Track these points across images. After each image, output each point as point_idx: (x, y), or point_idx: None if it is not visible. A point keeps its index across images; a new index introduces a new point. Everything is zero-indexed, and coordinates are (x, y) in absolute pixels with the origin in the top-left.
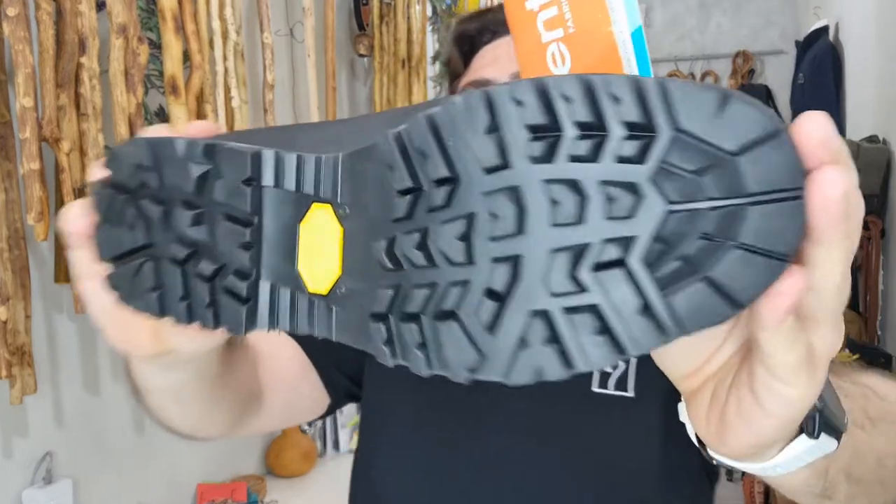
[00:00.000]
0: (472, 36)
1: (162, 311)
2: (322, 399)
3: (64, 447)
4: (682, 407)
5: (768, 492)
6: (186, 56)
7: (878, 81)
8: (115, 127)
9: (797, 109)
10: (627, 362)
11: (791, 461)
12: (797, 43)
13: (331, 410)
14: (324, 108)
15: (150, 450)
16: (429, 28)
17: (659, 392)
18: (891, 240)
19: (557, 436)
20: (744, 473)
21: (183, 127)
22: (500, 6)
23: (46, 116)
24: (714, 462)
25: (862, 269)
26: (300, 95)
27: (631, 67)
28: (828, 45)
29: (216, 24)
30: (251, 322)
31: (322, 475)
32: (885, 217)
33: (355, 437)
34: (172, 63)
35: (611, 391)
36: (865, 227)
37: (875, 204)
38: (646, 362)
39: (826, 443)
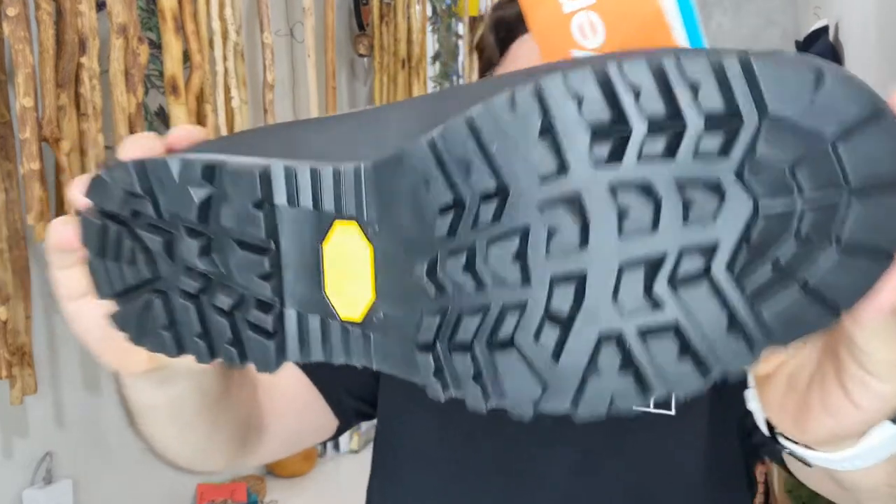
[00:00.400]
0: (511, 21)
1: (179, 349)
2: (329, 422)
3: (64, 447)
4: (750, 393)
5: (768, 492)
6: (186, 56)
7: (877, 81)
8: (115, 127)
9: None
10: None
11: (873, 451)
12: (797, 43)
13: (340, 432)
14: (324, 108)
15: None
16: (429, 28)
17: (701, 407)
18: None
19: (597, 457)
20: None
21: (171, 134)
22: None
23: (46, 116)
24: (782, 452)
25: None
26: (300, 95)
27: (679, 36)
28: (828, 45)
29: (216, 25)
30: (281, 355)
31: (322, 475)
32: None
33: (356, 438)
34: (172, 63)
35: (651, 409)
36: None
37: None
38: None
39: None
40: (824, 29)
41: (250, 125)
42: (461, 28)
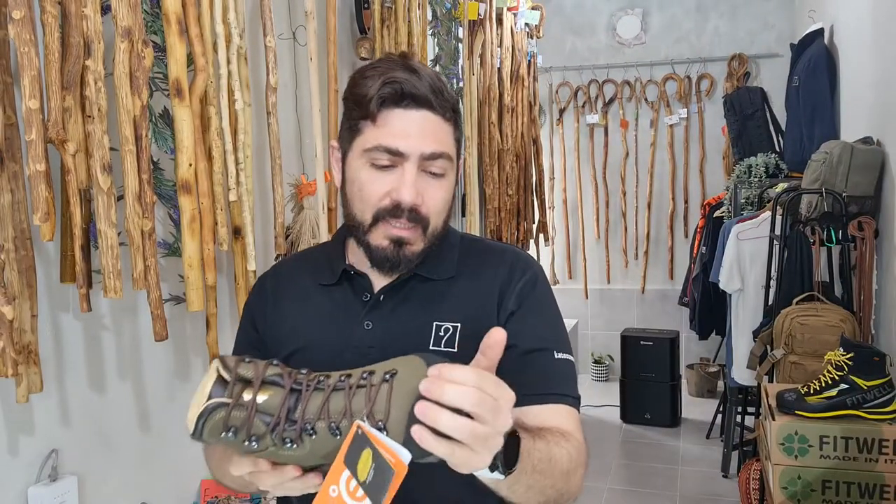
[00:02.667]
0: (389, 99)
1: None
2: None
3: (69, 445)
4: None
5: (763, 488)
6: (190, 59)
7: (872, 83)
8: (119, 129)
9: (792, 111)
10: (455, 328)
11: (485, 477)
12: (792, 46)
13: None
14: (325, 111)
15: (154, 447)
16: (429, 32)
17: (474, 348)
18: (884, 240)
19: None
20: (739, 470)
21: None
22: (414, 75)
23: (52, 118)
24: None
25: (856, 269)
26: (302, 98)
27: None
28: (823, 48)
29: (220, 28)
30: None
31: None
32: (879, 217)
33: None
34: (177, 66)
35: (441, 348)
36: (859, 227)
37: (869, 205)
38: (465, 330)
39: (497, 475)
40: (819, 32)
41: (253, 127)
42: (461, 32)
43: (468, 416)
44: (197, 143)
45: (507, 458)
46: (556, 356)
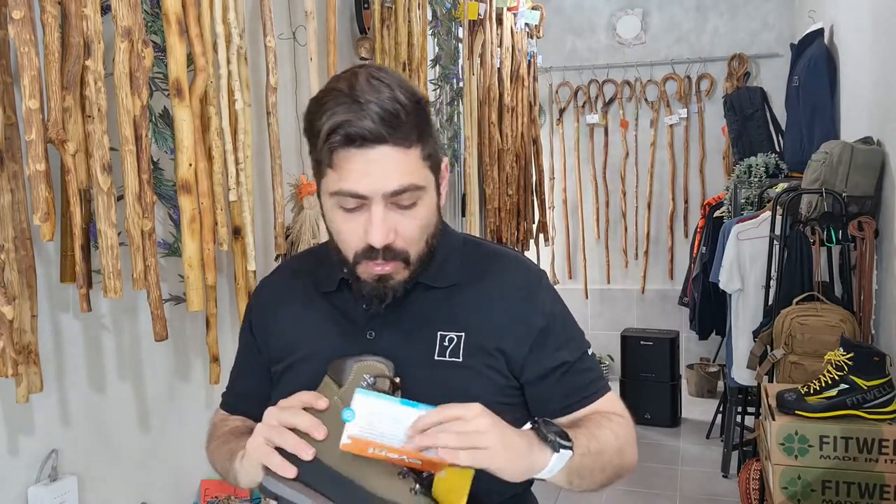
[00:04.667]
0: (344, 139)
1: None
2: None
3: (69, 445)
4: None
5: (763, 488)
6: (190, 59)
7: (872, 83)
8: (119, 129)
9: (792, 111)
10: (459, 337)
11: (553, 469)
12: (792, 46)
13: None
14: None
15: (154, 447)
16: (429, 32)
17: (478, 357)
18: (884, 240)
19: (413, 393)
20: (739, 470)
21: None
22: (363, 112)
23: (52, 118)
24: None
25: (856, 269)
26: (302, 98)
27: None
28: (822, 48)
29: (220, 28)
30: None
31: None
32: (879, 217)
33: None
34: (177, 66)
35: (446, 358)
36: (859, 227)
37: (869, 205)
38: (470, 339)
39: (563, 453)
40: (819, 32)
41: (253, 127)
42: (461, 32)
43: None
44: (197, 143)
45: (558, 434)
46: (586, 356)
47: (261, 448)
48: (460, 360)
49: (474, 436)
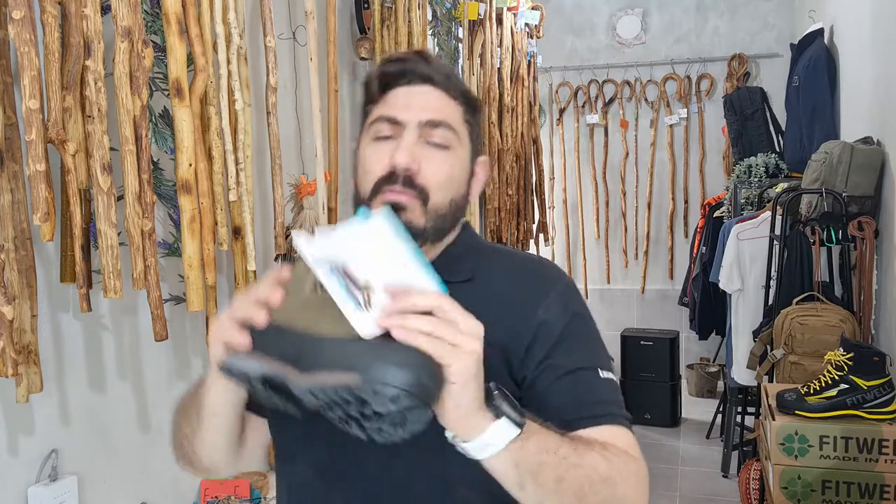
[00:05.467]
0: (392, 76)
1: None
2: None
3: (69, 445)
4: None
5: (763, 488)
6: (190, 59)
7: (872, 83)
8: (119, 129)
9: (792, 111)
10: None
11: (490, 443)
12: (792, 46)
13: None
14: (325, 111)
15: (154, 447)
16: (429, 31)
17: (492, 355)
18: (884, 240)
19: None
20: (739, 470)
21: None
22: (417, 58)
23: (52, 118)
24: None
25: (856, 269)
26: (302, 98)
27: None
28: (822, 48)
29: (220, 28)
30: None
31: None
32: (879, 217)
33: None
34: (177, 66)
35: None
36: (859, 227)
37: (869, 205)
38: (485, 335)
39: (507, 428)
40: (819, 32)
41: (253, 127)
42: (461, 32)
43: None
44: (197, 143)
45: (509, 404)
46: (600, 375)
47: (220, 327)
48: None
49: (453, 348)
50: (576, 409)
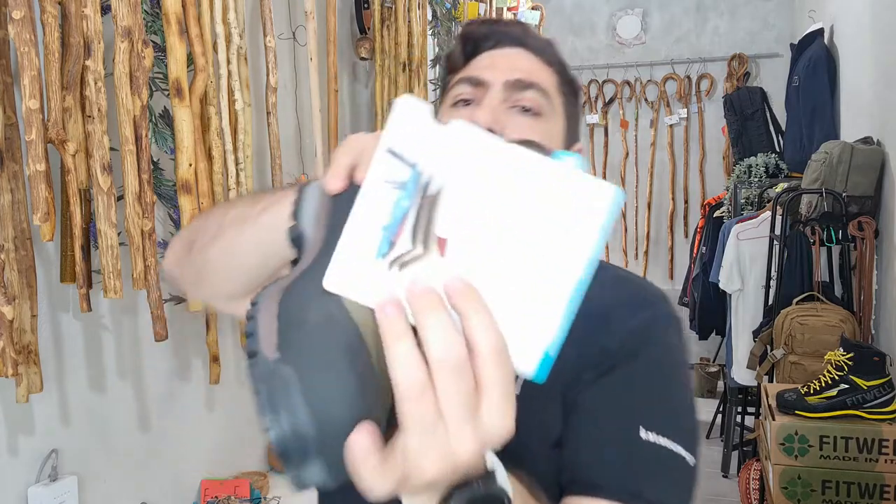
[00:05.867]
0: (478, 38)
1: None
2: None
3: (69, 445)
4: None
5: (763, 488)
6: (190, 59)
7: (872, 83)
8: (119, 129)
9: (792, 111)
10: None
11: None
12: (792, 46)
13: None
14: (325, 111)
15: (154, 447)
16: (429, 32)
17: (539, 393)
18: (884, 240)
19: None
20: (739, 470)
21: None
22: (507, 21)
23: (52, 118)
24: None
25: (856, 269)
26: (302, 98)
27: None
28: (822, 48)
29: (220, 28)
30: None
31: None
32: (879, 217)
33: None
34: (177, 66)
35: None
36: (859, 227)
37: (869, 205)
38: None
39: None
40: (819, 32)
41: (253, 127)
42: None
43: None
44: (197, 143)
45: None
46: (641, 435)
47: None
48: (517, 392)
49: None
50: (578, 470)
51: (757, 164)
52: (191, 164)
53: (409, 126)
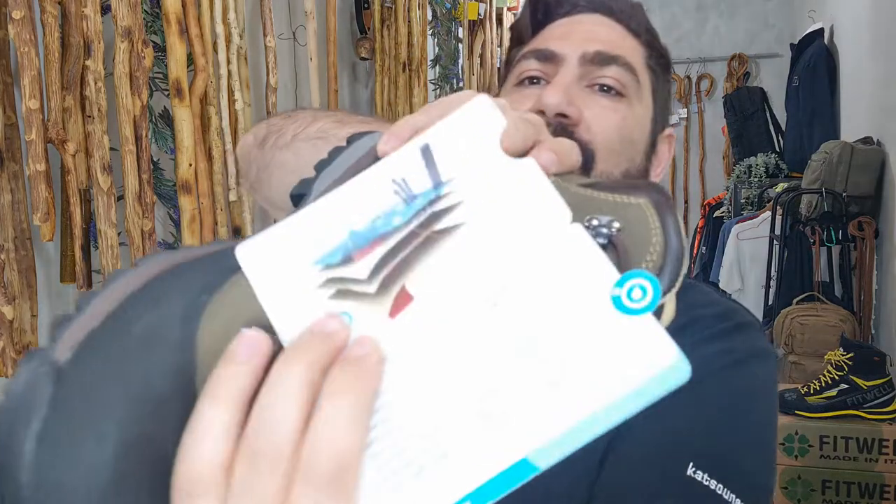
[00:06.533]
0: (550, 4)
1: None
2: None
3: None
4: None
5: None
6: (190, 59)
7: (871, 83)
8: (119, 129)
9: (792, 111)
10: None
11: None
12: (792, 45)
13: None
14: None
15: None
16: (429, 31)
17: None
18: (884, 240)
19: None
20: None
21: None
22: None
23: (52, 118)
24: None
25: (856, 269)
26: (303, 98)
27: None
28: (822, 48)
29: (220, 28)
30: None
31: None
32: (879, 217)
33: None
34: (177, 66)
35: None
36: (859, 227)
37: (869, 205)
38: None
39: None
40: (819, 32)
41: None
42: (461, 32)
43: None
44: (197, 143)
45: None
46: (687, 472)
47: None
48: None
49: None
50: (600, 487)
51: (757, 164)
52: (191, 164)
53: (468, 135)
